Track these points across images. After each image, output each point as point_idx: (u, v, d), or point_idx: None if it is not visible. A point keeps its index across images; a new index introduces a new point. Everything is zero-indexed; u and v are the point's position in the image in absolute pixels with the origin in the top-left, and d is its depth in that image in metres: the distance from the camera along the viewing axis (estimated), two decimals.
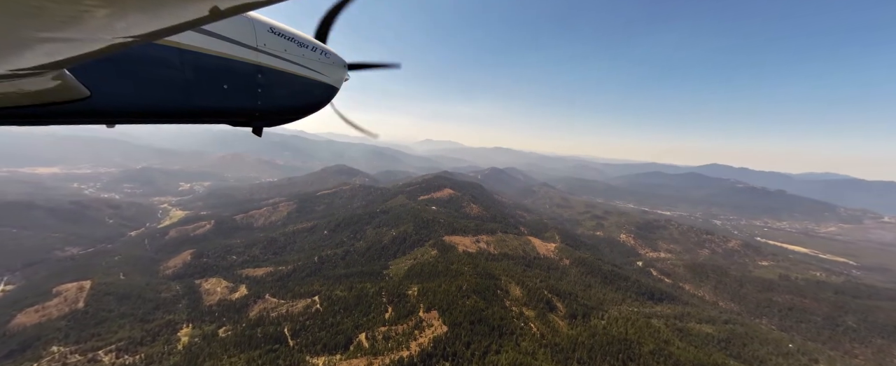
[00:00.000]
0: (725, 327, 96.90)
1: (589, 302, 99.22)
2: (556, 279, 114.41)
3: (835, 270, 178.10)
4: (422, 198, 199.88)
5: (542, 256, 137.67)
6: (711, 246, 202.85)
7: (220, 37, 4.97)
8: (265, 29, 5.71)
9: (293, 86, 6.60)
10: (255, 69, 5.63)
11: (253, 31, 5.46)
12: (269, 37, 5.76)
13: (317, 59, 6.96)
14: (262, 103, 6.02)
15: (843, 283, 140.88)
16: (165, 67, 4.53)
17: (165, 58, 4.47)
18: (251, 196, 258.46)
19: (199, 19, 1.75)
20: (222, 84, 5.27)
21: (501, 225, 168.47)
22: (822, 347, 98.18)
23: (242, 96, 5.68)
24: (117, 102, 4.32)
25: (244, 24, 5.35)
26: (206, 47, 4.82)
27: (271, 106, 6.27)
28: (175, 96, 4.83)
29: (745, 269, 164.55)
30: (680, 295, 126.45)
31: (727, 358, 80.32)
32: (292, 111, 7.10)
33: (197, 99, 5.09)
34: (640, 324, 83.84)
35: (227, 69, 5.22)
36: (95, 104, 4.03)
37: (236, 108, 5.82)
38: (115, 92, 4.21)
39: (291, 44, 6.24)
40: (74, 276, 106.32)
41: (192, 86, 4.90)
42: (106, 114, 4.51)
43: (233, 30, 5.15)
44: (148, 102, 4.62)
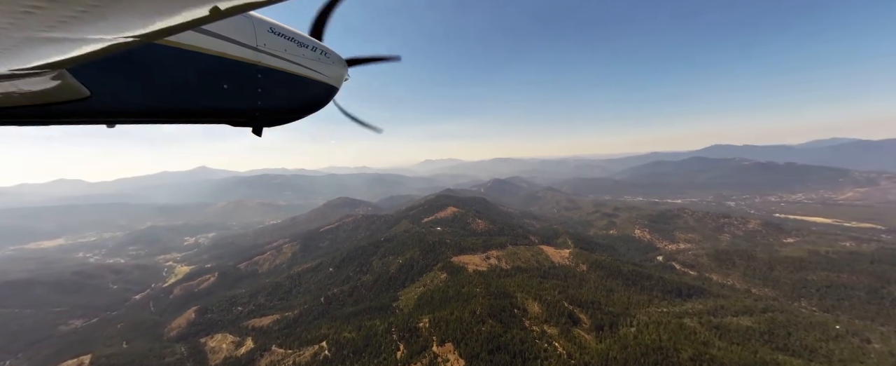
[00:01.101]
0: (764, 317, 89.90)
1: (614, 309, 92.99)
2: (575, 288, 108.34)
3: (863, 237, 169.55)
4: (426, 220, 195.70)
5: (556, 265, 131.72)
6: (731, 230, 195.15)
7: (220, 37, 4.90)
8: (265, 29, 5.65)
9: (293, 86, 6.50)
10: (256, 69, 5.57)
11: (253, 31, 5.41)
12: (269, 37, 5.71)
13: (316, 58, 6.88)
14: (262, 103, 5.96)
15: (876, 250, 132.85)
16: (165, 67, 4.50)
17: (165, 58, 4.44)
18: (255, 242, 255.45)
19: (199, 19, 1.75)
20: (222, 84, 5.22)
21: (510, 237, 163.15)
22: (871, 324, 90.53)
23: (243, 96, 5.63)
24: (117, 101, 4.29)
25: (244, 24, 5.29)
26: (206, 47, 4.77)
27: (271, 106, 6.19)
28: (175, 96, 4.79)
29: (771, 249, 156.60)
30: (709, 287, 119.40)
31: (774, 352, 73.56)
32: (292, 111, 6.98)
33: (197, 99, 5.06)
34: (673, 327, 77.59)
35: (228, 69, 5.17)
36: (95, 104, 4.02)
37: (236, 108, 5.76)
38: (115, 92, 4.19)
39: (291, 44, 6.18)
40: (76, 351, 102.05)
41: (193, 86, 4.88)
42: (106, 114, 4.46)
43: (233, 30, 5.09)
44: (148, 102, 4.57)
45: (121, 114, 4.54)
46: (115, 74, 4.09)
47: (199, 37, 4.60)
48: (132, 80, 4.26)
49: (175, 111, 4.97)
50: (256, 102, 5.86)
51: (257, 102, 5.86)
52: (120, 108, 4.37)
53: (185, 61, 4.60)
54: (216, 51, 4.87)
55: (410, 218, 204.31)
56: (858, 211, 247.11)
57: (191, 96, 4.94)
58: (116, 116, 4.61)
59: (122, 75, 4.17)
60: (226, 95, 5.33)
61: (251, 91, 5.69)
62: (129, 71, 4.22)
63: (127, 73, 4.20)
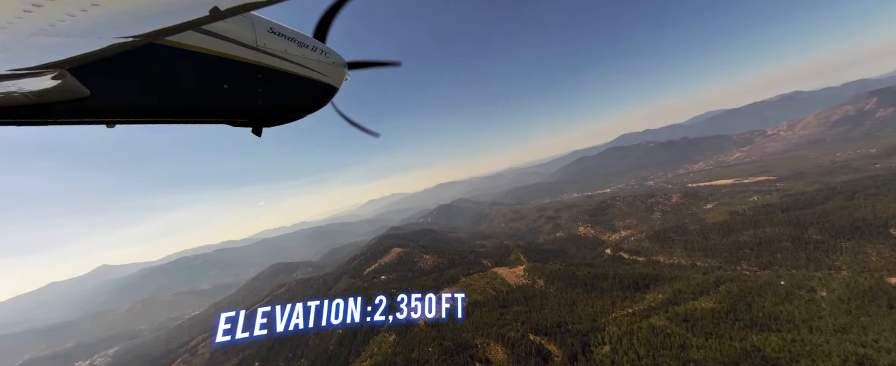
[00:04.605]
0: (721, 293, 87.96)
1: (581, 325, 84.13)
2: (537, 311, 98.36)
3: (763, 189, 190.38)
4: (368, 271, 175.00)
5: (514, 287, 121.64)
6: (659, 207, 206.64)
7: (220, 37, 4.89)
8: (265, 29, 5.62)
9: (293, 86, 6.45)
10: (256, 69, 5.54)
11: (253, 31, 5.38)
12: (269, 37, 5.68)
13: (317, 59, 6.83)
14: (262, 103, 5.92)
15: (781, 200, 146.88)
16: (165, 67, 4.49)
17: (165, 58, 4.42)
18: (168, 346, 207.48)
19: (199, 19, 1.75)
20: (222, 84, 5.20)
21: (462, 267, 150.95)
22: (806, 271, 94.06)
23: (242, 96, 5.61)
24: (117, 101, 4.29)
25: (244, 24, 5.27)
26: (206, 47, 4.76)
27: (271, 106, 6.17)
28: (175, 96, 4.77)
29: (697, 218, 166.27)
30: (660, 271, 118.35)
31: (745, 331, 69.61)
32: (293, 111, 6.93)
33: (197, 99, 5.04)
34: (645, 333, 70.28)
35: (227, 69, 5.15)
36: (95, 104, 4.02)
37: (236, 108, 5.74)
38: (114, 92, 4.18)
39: (291, 44, 6.14)
40: None
41: (193, 86, 4.85)
42: (106, 114, 4.45)
43: (233, 30, 5.06)
44: (148, 101, 4.57)
45: (121, 114, 4.52)
46: (115, 74, 4.03)
47: (199, 37, 4.56)
48: (132, 80, 4.21)
49: (175, 111, 4.90)
50: (256, 102, 5.79)
51: (257, 101, 5.79)
52: (120, 108, 4.36)
53: (185, 61, 4.55)
54: (216, 51, 4.83)
55: (351, 272, 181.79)
56: (749, 167, 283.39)
57: (191, 96, 4.89)
58: (116, 116, 4.57)
59: (122, 75, 4.11)
60: (226, 95, 5.27)
61: (251, 91, 5.63)
62: (129, 71, 4.15)
63: (127, 73, 4.13)
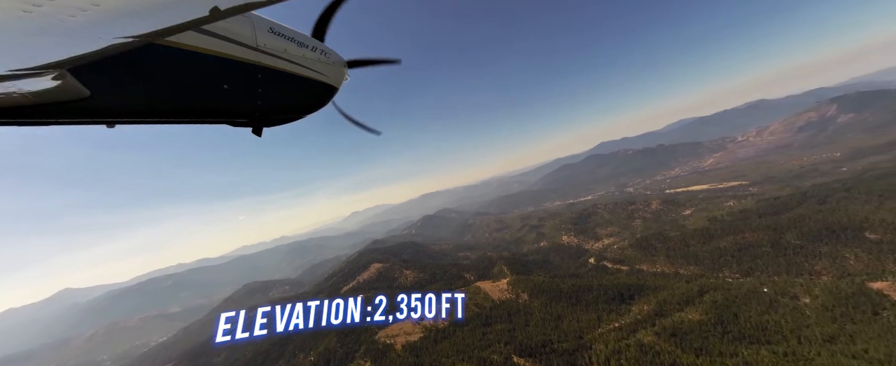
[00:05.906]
0: (706, 303, 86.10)
1: (567, 343, 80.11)
2: (521, 329, 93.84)
3: (738, 194, 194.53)
4: (345, 289, 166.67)
5: (497, 302, 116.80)
6: (640, 214, 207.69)
7: (220, 37, 4.86)
8: (265, 29, 5.63)
9: (293, 86, 6.46)
10: (256, 69, 5.53)
11: (253, 31, 5.37)
12: (269, 37, 5.69)
13: (317, 59, 6.83)
14: (262, 103, 5.92)
15: (757, 205, 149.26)
16: (165, 67, 4.49)
17: (165, 58, 4.41)
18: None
19: (199, 19, 1.75)
20: (222, 84, 5.19)
21: (444, 283, 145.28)
22: (787, 277, 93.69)
23: (242, 96, 5.61)
24: (117, 101, 4.29)
25: (244, 24, 5.26)
26: (206, 47, 4.73)
27: (272, 106, 6.17)
28: (175, 96, 4.77)
29: (677, 225, 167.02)
30: (643, 280, 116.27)
31: (735, 345, 67.20)
32: (293, 111, 6.96)
33: (197, 99, 5.06)
34: (633, 352, 66.82)
35: (227, 69, 5.13)
36: (95, 104, 4.01)
37: (236, 108, 5.76)
38: (114, 92, 4.17)
39: (291, 44, 6.15)
40: None
41: (192, 86, 4.86)
42: (106, 114, 4.47)
43: (233, 30, 5.05)
44: (148, 102, 4.56)
45: (121, 114, 4.52)
46: (115, 74, 4.02)
47: (199, 37, 4.53)
48: (132, 80, 4.21)
49: (175, 111, 4.89)
50: (256, 102, 5.79)
51: (257, 101, 5.79)
52: (120, 108, 4.36)
53: (185, 61, 4.53)
54: (216, 51, 4.81)
55: (328, 290, 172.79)
56: (722, 173, 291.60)
57: (191, 96, 4.90)
58: (116, 116, 4.57)
59: (122, 75, 4.10)
60: (226, 95, 5.26)
61: (251, 91, 5.62)
62: (129, 71, 4.14)
63: (127, 73, 4.13)
